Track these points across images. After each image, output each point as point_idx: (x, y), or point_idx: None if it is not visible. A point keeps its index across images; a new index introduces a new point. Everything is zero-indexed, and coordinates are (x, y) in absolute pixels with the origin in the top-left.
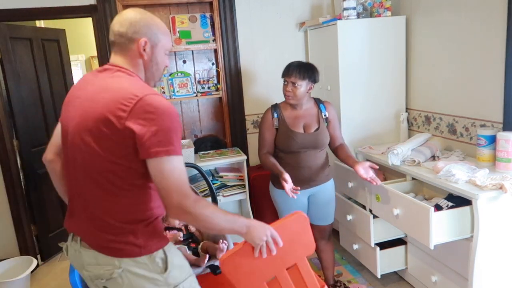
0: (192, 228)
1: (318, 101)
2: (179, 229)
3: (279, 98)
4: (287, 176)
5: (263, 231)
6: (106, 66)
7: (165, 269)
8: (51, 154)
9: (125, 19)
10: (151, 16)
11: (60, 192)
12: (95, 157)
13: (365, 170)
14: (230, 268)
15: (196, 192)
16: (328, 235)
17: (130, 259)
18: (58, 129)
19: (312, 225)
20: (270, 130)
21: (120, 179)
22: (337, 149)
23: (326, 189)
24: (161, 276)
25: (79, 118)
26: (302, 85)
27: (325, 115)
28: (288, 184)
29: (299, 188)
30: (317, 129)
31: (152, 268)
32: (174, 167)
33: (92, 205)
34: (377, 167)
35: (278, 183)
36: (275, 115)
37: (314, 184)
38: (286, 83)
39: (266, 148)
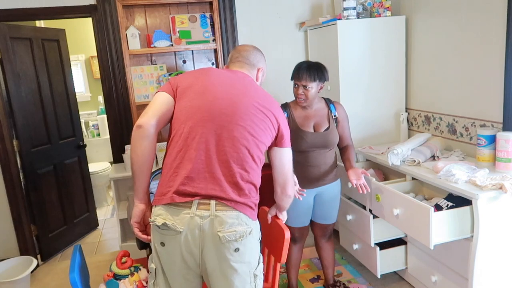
0: None
1: (328, 101)
2: None
3: (280, 97)
4: (294, 177)
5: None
6: (242, 72)
7: (260, 235)
8: (154, 119)
9: (252, 50)
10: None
11: (143, 158)
12: (262, 129)
13: (356, 176)
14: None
15: None
16: (329, 234)
17: (254, 221)
18: (165, 99)
19: (314, 223)
20: None
21: (262, 154)
22: (342, 150)
23: (333, 189)
24: (259, 242)
25: (244, 97)
26: (313, 87)
27: (335, 115)
28: (295, 186)
29: (304, 190)
30: (327, 128)
31: (258, 234)
32: (291, 155)
33: (243, 170)
34: (369, 174)
35: None
36: (285, 114)
37: (321, 184)
38: (296, 86)
39: None
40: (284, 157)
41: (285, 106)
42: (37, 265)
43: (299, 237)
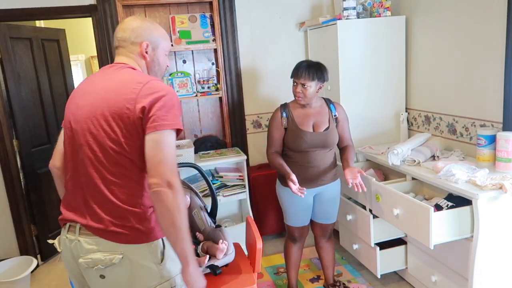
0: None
1: (328, 101)
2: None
3: (280, 98)
4: (294, 177)
5: (197, 283)
6: (112, 64)
7: (162, 260)
8: (59, 161)
9: (127, 26)
10: (151, 22)
11: (62, 194)
12: (112, 138)
13: (352, 175)
14: None
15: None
16: (329, 234)
17: (132, 245)
18: (62, 135)
19: (314, 223)
20: (279, 129)
21: (131, 162)
22: (342, 150)
23: (333, 189)
24: (157, 266)
25: (92, 106)
26: (312, 86)
27: (335, 115)
28: (295, 185)
29: (304, 188)
30: (327, 128)
31: (150, 257)
32: (172, 141)
33: (103, 190)
34: (364, 173)
35: (285, 181)
36: (284, 114)
37: (321, 184)
38: (295, 84)
39: (275, 147)
40: (154, 142)
41: (284, 107)
42: (37, 265)
43: (299, 237)
